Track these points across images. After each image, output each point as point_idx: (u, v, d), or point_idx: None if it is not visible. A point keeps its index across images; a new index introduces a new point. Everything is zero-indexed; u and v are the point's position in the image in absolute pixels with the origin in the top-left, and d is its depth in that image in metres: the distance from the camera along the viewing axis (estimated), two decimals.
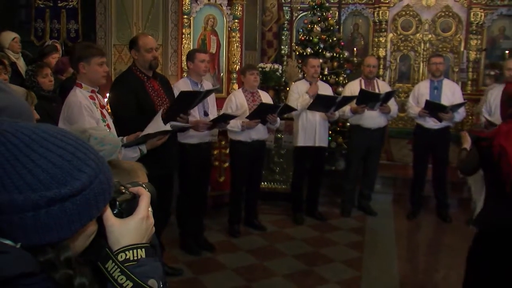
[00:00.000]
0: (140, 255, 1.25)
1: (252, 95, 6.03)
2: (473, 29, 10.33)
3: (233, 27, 7.06)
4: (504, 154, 2.94)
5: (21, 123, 1.05)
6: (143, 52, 4.46)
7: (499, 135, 3.01)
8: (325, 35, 8.43)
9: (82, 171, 1.02)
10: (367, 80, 6.88)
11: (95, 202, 1.07)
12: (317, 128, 6.48)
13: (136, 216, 1.28)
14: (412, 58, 10.91)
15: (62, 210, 1.00)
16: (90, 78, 3.77)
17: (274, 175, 7.49)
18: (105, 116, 3.83)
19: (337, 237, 6.16)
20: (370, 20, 10.94)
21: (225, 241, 5.91)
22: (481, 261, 3.15)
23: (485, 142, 3.06)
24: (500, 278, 3.03)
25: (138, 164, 2.34)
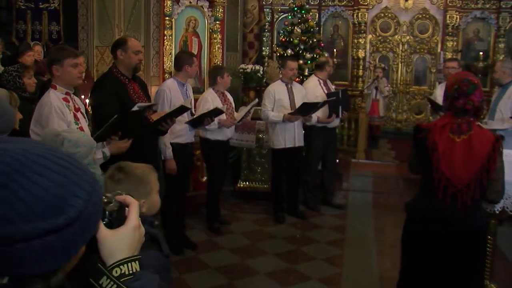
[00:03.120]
0: (135, 268, 1.20)
1: (222, 95, 6.07)
2: (449, 31, 10.46)
3: (215, 29, 7.04)
4: (435, 149, 3.02)
5: (8, 143, 0.94)
6: (130, 54, 4.42)
7: (435, 129, 3.07)
8: (306, 36, 8.48)
9: (77, 196, 0.93)
10: (324, 80, 7.02)
11: (90, 224, 1.00)
12: (296, 129, 6.53)
13: (128, 226, 1.22)
14: (390, 59, 11.00)
15: (57, 240, 0.91)
16: (64, 80, 3.72)
17: (255, 174, 7.50)
18: (79, 119, 3.77)
19: (318, 235, 6.18)
20: (349, 22, 11.02)
21: (207, 240, 5.90)
22: (409, 243, 3.31)
23: (421, 134, 3.13)
24: (425, 259, 3.19)
25: (149, 168, 2.34)
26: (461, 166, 3.00)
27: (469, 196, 3.00)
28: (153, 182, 2.32)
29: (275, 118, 6.40)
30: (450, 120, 3.07)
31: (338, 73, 10.55)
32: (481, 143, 2.99)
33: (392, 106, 11.17)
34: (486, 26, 10.53)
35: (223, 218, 6.51)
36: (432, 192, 3.07)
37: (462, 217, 3.05)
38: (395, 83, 10.97)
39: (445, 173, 3.01)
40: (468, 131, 3.02)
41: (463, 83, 3.04)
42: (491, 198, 3.13)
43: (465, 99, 3.02)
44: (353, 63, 10.88)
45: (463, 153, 3.00)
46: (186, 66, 5.43)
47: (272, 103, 6.44)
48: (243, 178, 7.55)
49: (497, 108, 6.28)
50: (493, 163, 2.98)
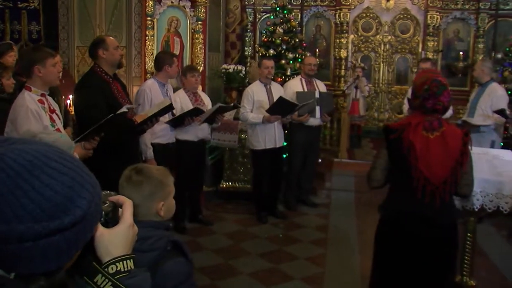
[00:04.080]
0: (130, 266, 1.23)
1: (194, 95, 6.07)
2: (430, 31, 10.57)
3: (197, 29, 7.06)
4: (413, 148, 3.04)
5: (18, 144, 0.98)
6: (112, 51, 4.43)
7: (409, 128, 3.10)
8: (288, 36, 8.50)
9: (82, 197, 0.98)
10: (308, 79, 7.04)
11: (91, 224, 1.05)
12: (276, 129, 6.55)
13: (123, 224, 1.26)
14: (372, 59, 11.08)
15: (62, 239, 0.96)
16: (46, 80, 3.70)
17: (238, 174, 7.51)
18: (55, 121, 3.75)
19: (301, 235, 6.21)
20: (331, 22, 11.07)
21: (190, 241, 5.89)
22: (383, 244, 3.32)
23: (394, 134, 3.14)
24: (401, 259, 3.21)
25: (166, 170, 2.33)
26: (437, 163, 3.04)
27: (446, 192, 3.06)
28: (171, 185, 2.31)
29: (255, 120, 6.40)
30: (422, 119, 3.11)
31: (320, 73, 10.54)
32: (452, 138, 3.06)
33: (374, 105, 11.25)
34: (465, 26, 10.66)
35: (205, 218, 6.52)
36: (410, 192, 3.08)
37: (440, 215, 3.09)
38: (377, 82, 11.05)
39: (423, 171, 3.03)
40: (439, 128, 3.08)
41: (433, 84, 3.08)
42: (463, 192, 3.18)
43: (435, 100, 3.07)
44: (335, 63, 10.94)
45: (438, 149, 3.05)
46: (166, 66, 5.44)
47: (251, 104, 6.45)
48: (226, 178, 7.56)
49: (478, 106, 6.43)
50: (465, 157, 3.06)
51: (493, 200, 3.70)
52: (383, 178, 3.25)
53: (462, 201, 3.77)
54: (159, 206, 2.21)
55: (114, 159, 4.03)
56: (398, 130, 3.14)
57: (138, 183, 2.20)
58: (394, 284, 3.29)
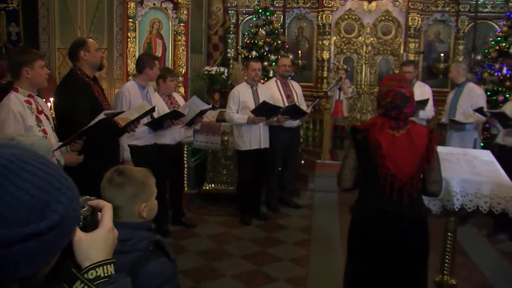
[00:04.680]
0: (110, 271, 1.21)
1: (168, 98, 6.07)
2: (411, 33, 10.65)
3: (179, 31, 7.07)
4: (379, 147, 3.11)
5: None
6: (93, 52, 4.43)
7: (374, 128, 3.18)
8: (270, 38, 8.55)
9: (59, 201, 0.96)
10: (283, 80, 7.10)
11: (69, 230, 1.03)
12: (261, 130, 6.58)
13: (102, 228, 1.24)
14: (355, 60, 11.14)
15: (37, 244, 0.93)
16: (34, 82, 3.71)
17: (221, 176, 7.53)
18: (41, 121, 3.75)
19: (284, 236, 6.24)
20: (314, 24, 11.10)
21: (173, 243, 5.88)
22: (357, 244, 3.38)
23: (360, 134, 3.22)
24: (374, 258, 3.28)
25: (148, 171, 2.34)
26: (404, 160, 3.12)
27: (414, 189, 3.14)
28: (153, 186, 2.32)
29: (240, 120, 6.44)
30: (387, 119, 3.21)
31: (303, 75, 10.65)
32: (418, 136, 3.16)
33: (357, 107, 11.30)
34: (446, 28, 10.76)
35: (188, 220, 6.53)
36: (378, 190, 3.15)
37: (409, 211, 3.17)
38: (359, 84, 11.10)
39: (390, 169, 3.10)
40: (405, 126, 3.19)
41: (396, 97, 3.16)
42: (432, 189, 3.24)
43: (398, 111, 3.17)
44: (317, 64, 10.96)
45: (405, 147, 3.13)
46: (147, 69, 5.43)
47: (237, 105, 6.48)
48: (209, 181, 7.57)
49: (458, 106, 6.58)
50: (431, 153, 3.15)
51: (472, 200, 3.77)
52: (352, 178, 3.31)
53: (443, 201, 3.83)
54: (142, 207, 2.22)
55: (96, 160, 4.02)
56: (364, 130, 3.22)
57: (120, 185, 2.21)
58: (368, 283, 3.35)
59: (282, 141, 7.01)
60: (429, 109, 6.84)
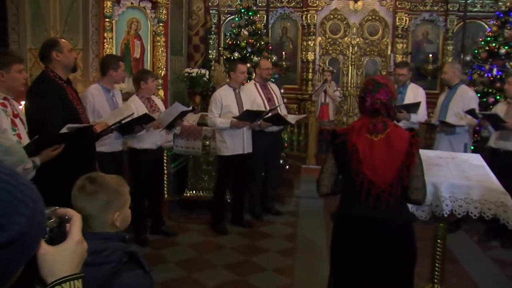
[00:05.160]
0: (78, 287, 1.17)
1: (148, 101, 6.03)
2: (399, 33, 10.69)
3: (158, 31, 7.02)
4: (356, 151, 3.12)
5: None
6: (66, 53, 4.37)
7: (352, 131, 3.19)
8: (253, 39, 8.52)
9: (20, 213, 0.92)
10: (263, 83, 7.13)
11: (32, 243, 0.99)
12: (245, 135, 6.56)
13: (70, 241, 1.20)
14: (340, 62, 11.16)
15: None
16: (9, 86, 3.68)
17: (202, 183, 7.50)
18: (17, 125, 3.71)
19: (268, 245, 6.23)
20: (298, 24, 11.11)
21: (153, 253, 5.84)
22: (338, 253, 3.39)
23: (339, 139, 3.23)
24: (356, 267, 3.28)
25: (121, 179, 2.33)
26: (382, 166, 3.11)
27: (392, 196, 3.11)
28: (127, 194, 2.31)
29: (223, 125, 6.40)
30: (366, 121, 3.20)
31: (287, 77, 10.64)
32: (398, 140, 3.13)
33: (343, 109, 11.31)
34: (434, 28, 10.82)
35: (168, 229, 6.48)
36: (355, 196, 3.15)
37: (388, 217, 3.15)
38: (346, 86, 11.12)
39: (367, 174, 3.10)
40: (384, 130, 3.16)
41: (368, 82, 3.25)
42: (413, 197, 3.20)
43: (371, 98, 3.18)
44: (302, 66, 10.97)
45: (383, 152, 3.11)
46: (111, 70, 5.36)
47: (219, 110, 6.44)
48: (190, 187, 7.54)
49: (449, 108, 6.56)
50: (411, 158, 3.11)
51: (462, 205, 3.77)
52: (330, 183, 3.32)
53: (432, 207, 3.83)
54: (115, 217, 2.20)
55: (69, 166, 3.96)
56: (343, 134, 3.22)
57: (92, 193, 2.19)
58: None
59: (264, 146, 7.00)
60: (421, 112, 6.84)
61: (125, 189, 2.30)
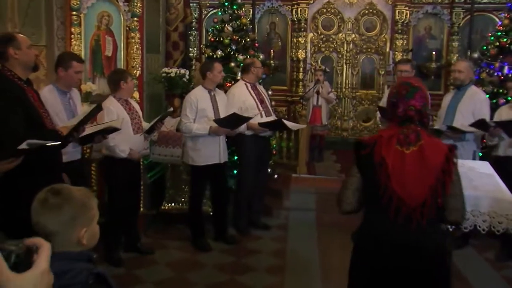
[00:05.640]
0: None
1: (126, 103, 6.00)
2: (398, 28, 10.76)
3: (132, 27, 6.96)
4: (385, 164, 3.03)
5: None
6: (25, 50, 4.28)
7: (380, 142, 3.10)
8: (238, 35, 8.50)
9: None
10: (253, 84, 7.11)
11: None
12: (221, 142, 6.54)
13: (36, 270, 1.20)
14: (334, 60, 11.19)
15: None
16: None
17: (182, 194, 7.44)
18: None
19: (255, 262, 6.19)
20: (288, 19, 11.15)
21: (127, 274, 5.78)
22: (359, 276, 3.29)
23: (365, 150, 3.13)
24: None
25: (88, 191, 2.30)
26: (413, 182, 3.00)
27: (424, 216, 2.99)
28: (95, 208, 2.27)
29: (200, 131, 6.33)
30: (396, 131, 3.10)
31: (276, 77, 10.66)
32: (433, 154, 3.01)
33: (337, 113, 11.35)
34: (438, 22, 10.88)
35: (144, 246, 6.42)
36: (382, 214, 3.06)
37: (417, 241, 3.04)
38: (340, 87, 11.17)
39: (396, 191, 3.00)
40: (417, 142, 3.04)
41: (402, 86, 3.12)
42: (452, 218, 3.11)
43: (405, 104, 3.08)
44: (292, 65, 11.02)
45: (415, 166, 3.00)
46: (60, 69, 5.25)
47: (194, 114, 6.36)
48: (168, 199, 7.49)
49: (457, 111, 6.36)
50: (448, 176, 3.00)
51: (469, 218, 3.74)
52: (355, 200, 3.21)
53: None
54: (81, 233, 2.16)
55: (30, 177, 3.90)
56: (370, 145, 3.12)
57: (56, 207, 2.14)
58: None
59: (254, 151, 6.97)
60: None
61: (93, 202, 2.26)
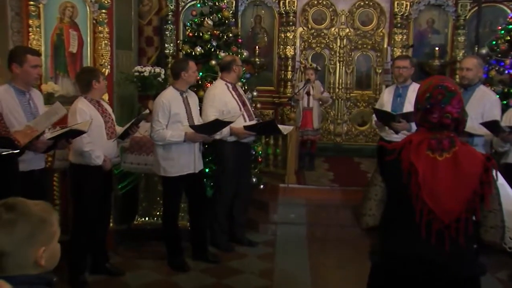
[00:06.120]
0: None
1: (98, 104, 5.95)
2: (397, 22, 10.75)
3: (100, 20, 6.90)
4: (414, 172, 2.95)
5: None
6: None
7: (409, 148, 3.02)
8: (219, 30, 8.46)
9: None
10: (233, 84, 7.07)
11: None
12: (195, 150, 6.46)
13: None
14: (326, 58, 11.16)
15: None
16: None
17: (157, 207, 7.42)
18: None
19: (239, 284, 6.15)
20: (275, 12, 11.12)
21: None
22: None
23: (390, 156, 3.07)
24: None
25: (48, 205, 2.25)
26: (447, 193, 2.93)
27: (460, 233, 2.93)
28: (56, 224, 2.22)
29: (175, 139, 6.22)
30: (427, 135, 3.03)
31: (261, 76, 10.63)
32: (469, 162, 2.95)
33: (329, 116, 11.31)
34: (442, 15, 10.88)
35: (114, 267, 6.36)
36: (410, 230, 2.99)
37: (452, 262, 2.98)
38: (332, 87, 11.14)
39: (428, 203, 2.92)
40: (451, 148, 2.99)
41: (436, 90, 3.00)
42: (488, 237, 3.04)
43: (441, 111, 2.99)
44: (279, 63, 10.99)
45: (449, 175, 2.94)
46: (14, 65, 5.18)
47: (167, 119, 6.25)
48: (141, 213, 7.46)
49: None
50: (488, 188, 2.94)
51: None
52: (379, 212, 3.15)
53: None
54: (39, 253, 2.12)
55: None
56: (396, 150, 3.05)
57: (10, 223, 2.10)
58: None
59: (235, 158, 6.93)
60: None
61: (53, 218, 2.21)
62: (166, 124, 6.23)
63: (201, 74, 7.89)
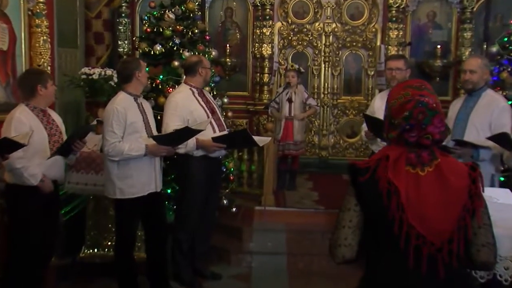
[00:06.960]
0: None
1: (44, 114, 5.87)
2: (392, 15, 10.78)
3: (37, 11, 6.84)
4: (395, 192, 2.93)
5: None
6: None
7: (385, 164, 3.01)
8: (183, 25, 8.44)
9: None
10: (200, 89, 7.03)
11: None
12: (156, 166, 6.40)
13: None
14: (309, 57, 11.16)
15: None
16: None
17: (109, 236, 7.37)
18: None
19: None
20: (248, 4, 11.14)
21: None
22: None
23: (364, 176, 3.03)
24: None
25: None
26: (436, 212, 2.92)
27: (453, 255, 2.93)
28: None
29: (135, 152, 6.11)
30: (403, 149, 3.03)
31: (233, 79, 10.67)
32: (454, 175, 2.96)
33: (313, 126, 11.30)
34: (445, 7, 10.92)
35: None
36: (397, 260, 2.97)
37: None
38: (317, 92, 11.15)
39: (415, 226, 2.91)
40: (432, 160, 2.99)
41: (416, 109, 2.98)
42: (481, 257, 3.02)
43: (421, 132, 2.98)
44: (254, 64, 11.00)
45: (435, 192, 2.93)
46: None
47: (123, 129, 6.17)
48: (89, 244, 7.39)
49: (469, 122, 6.27)
50: (478, 201, 2.96)
51: None
52: (355, 242, 3.11)
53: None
54: None
55: None
56: (369, 168, 3.02)
57: None
58: None
59: (203, 175, 6.86)
60: None
61: None
62: (122, 135, 6.12)
63: (162, 77, 7.85)
